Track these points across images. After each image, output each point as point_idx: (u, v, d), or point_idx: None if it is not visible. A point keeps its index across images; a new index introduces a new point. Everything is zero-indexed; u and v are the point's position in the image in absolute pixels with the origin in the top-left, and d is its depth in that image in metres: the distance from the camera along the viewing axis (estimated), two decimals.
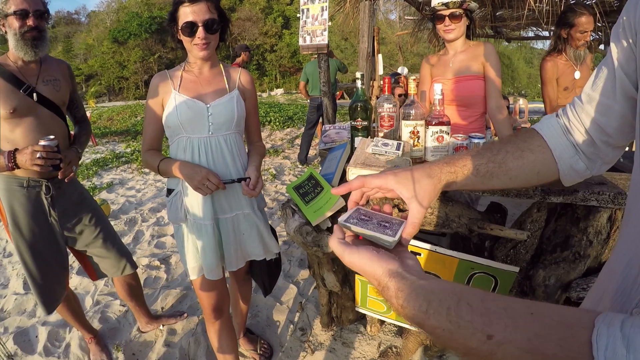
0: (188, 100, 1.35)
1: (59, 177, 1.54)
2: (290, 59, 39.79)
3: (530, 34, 6.17)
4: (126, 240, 3.23)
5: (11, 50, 1.50)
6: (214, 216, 1.41)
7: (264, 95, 25.37)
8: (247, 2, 46.42)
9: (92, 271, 1.86)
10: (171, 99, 1.36)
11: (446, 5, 1.69)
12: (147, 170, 5.66)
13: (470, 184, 0.61)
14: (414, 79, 1.27)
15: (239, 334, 1.87)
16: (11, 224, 1.54)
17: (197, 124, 1.36)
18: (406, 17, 5.79)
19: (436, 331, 0.39)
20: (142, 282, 2.54)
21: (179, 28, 1.30)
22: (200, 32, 1.28)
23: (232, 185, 1.40)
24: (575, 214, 1.35)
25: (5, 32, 1.48)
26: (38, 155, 1.39)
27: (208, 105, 1.37)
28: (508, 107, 5.10)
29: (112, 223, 3.57)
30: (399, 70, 5.87)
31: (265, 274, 1.60)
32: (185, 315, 2.14)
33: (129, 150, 7.09)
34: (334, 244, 0.52)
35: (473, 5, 1.75)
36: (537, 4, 3.45)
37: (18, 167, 1.44)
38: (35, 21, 1.47)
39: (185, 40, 1.33)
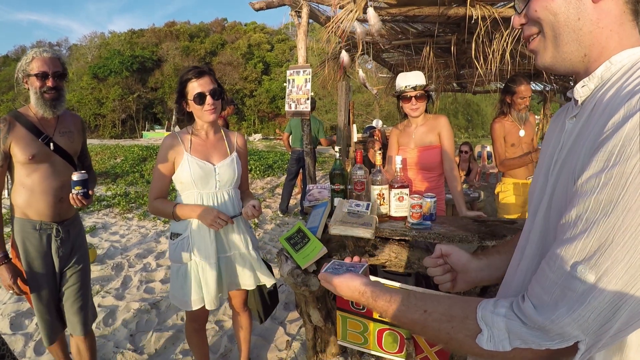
0: (199, 162, 1.66)
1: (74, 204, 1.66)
2: (269, 104, 40.92)
3: (493, 86, 7.04)
4: (114, 284, 3.34)
5: (32, 104, 1.68)
6: (217, 255, 1.70)
7: None
8: (229, 46, 48.19)
9: None
10: (184, 160, 1.65)
11: (414, 88, 2.12)
12: (130, 215, 5.75)
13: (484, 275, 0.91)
14: (379, 153, 1.65)
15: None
16: (25, 264, 1.72)
17: (206, 181, 1.68)
18: (379, 75, 6.42)
19: (395, 313, 0.67)
20: (134, 325, 2.67)
21: (191, 99, 1.62)
22: (208, 99, 1.61)
23: (232, 229, 1.74)
24: None
25: (28, 89, 1.67)
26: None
27: (215, 166, 1.69)
28: (472, 154, 5.65)
29: (98, 267, 3.68)
30: (374, 124, 6.42)
31: (260, 304, 1.91)
32: None
33: (109, 193, 7.12)
34: (323, 275, 0.82)
35: (432, 87, 2.19)
36: (485, 68, 4.06)
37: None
38: (54, 82, 1.65)
39: (195, 108, 1.63)
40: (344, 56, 2.67)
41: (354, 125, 3.63)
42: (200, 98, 1.60)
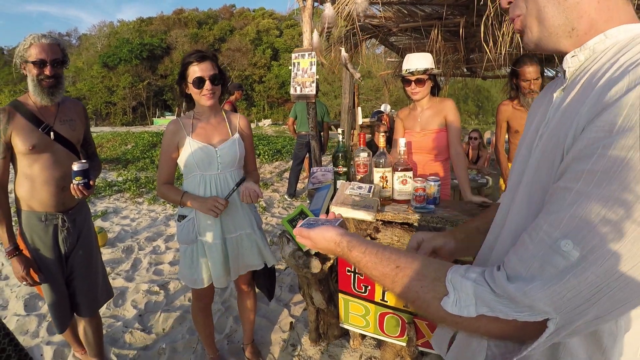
0: (200, 144, 1.69)
1: (75, 196, 1.62)
2: (279, 90, 40.79)
3: (503, 71, 6.85)
4: (124, 267, 3.42)
5: (30, 92, 1.63)
6: (222, 236, 1.74)
7: (252, 126, 25.60)
8: (237, 33, 47.90)
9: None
10: (187, 144, 1.69)
11: (412, 73, 2.08)
12: (140, 199, 5.85)
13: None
14: (383, 135, 1.62)
15: (248, 340, 2.13)
16: (33, 255, 1.71)
17: (208, 163, 1.70)
18: (388, 60, 6.30)
19: (368, 264, 0.65)
20: (143, 306, 2.73)
21: (190, 82, 1.64)
22: (207, 84, 1.63)
23: (237, 210, 1.76)
24: None
25: (27, 75, 1.62)
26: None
27: (217, 149, 1.71)
28: (482, 141, 5.55)
29: (109, 251, 3.77)
30: (382, 108, 6.33)
31: (267, 282, 1.95)
32: None
33: (120, 179, 7.23)
34: (298, 230, 0.79)
35: (436, 71, 2.14)
36: (495, 53, 3.95)
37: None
38: (52, 70, 1.59)
39: (194, 92, 1.66)
40: (344, 55, 2.63)
41: (359, 109, 3.59)
42: (199, 82, 1.62)
